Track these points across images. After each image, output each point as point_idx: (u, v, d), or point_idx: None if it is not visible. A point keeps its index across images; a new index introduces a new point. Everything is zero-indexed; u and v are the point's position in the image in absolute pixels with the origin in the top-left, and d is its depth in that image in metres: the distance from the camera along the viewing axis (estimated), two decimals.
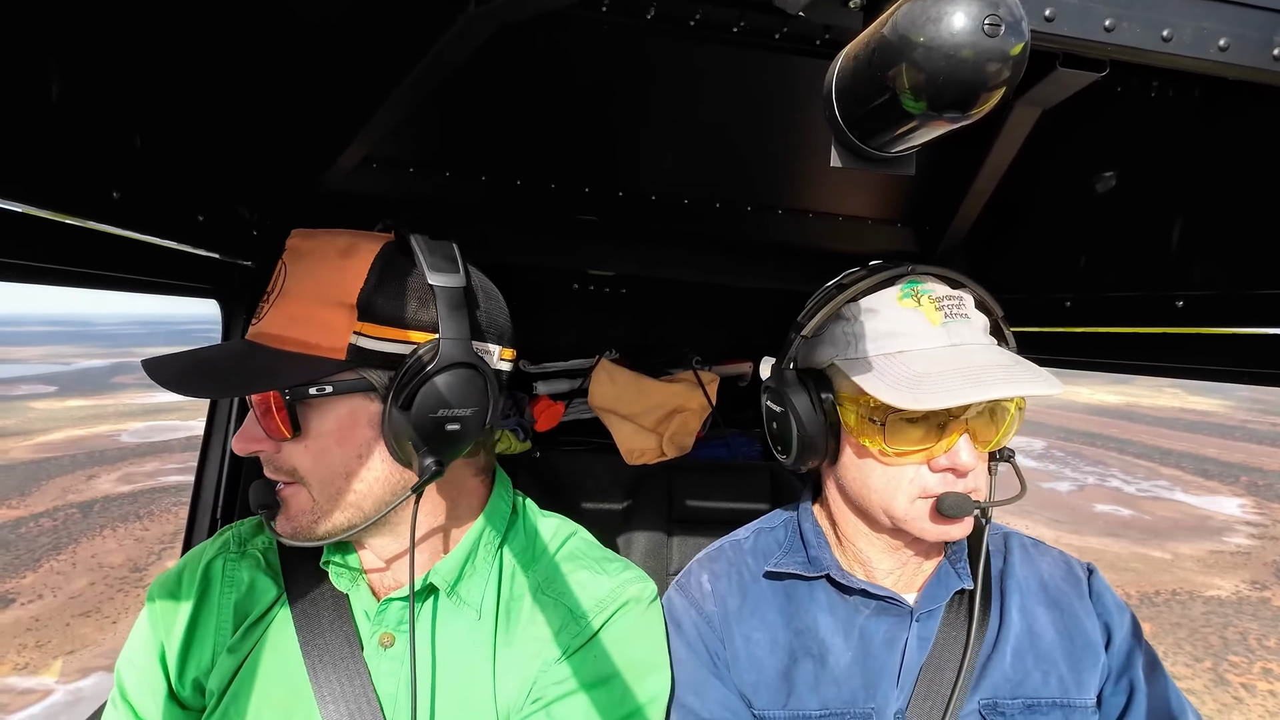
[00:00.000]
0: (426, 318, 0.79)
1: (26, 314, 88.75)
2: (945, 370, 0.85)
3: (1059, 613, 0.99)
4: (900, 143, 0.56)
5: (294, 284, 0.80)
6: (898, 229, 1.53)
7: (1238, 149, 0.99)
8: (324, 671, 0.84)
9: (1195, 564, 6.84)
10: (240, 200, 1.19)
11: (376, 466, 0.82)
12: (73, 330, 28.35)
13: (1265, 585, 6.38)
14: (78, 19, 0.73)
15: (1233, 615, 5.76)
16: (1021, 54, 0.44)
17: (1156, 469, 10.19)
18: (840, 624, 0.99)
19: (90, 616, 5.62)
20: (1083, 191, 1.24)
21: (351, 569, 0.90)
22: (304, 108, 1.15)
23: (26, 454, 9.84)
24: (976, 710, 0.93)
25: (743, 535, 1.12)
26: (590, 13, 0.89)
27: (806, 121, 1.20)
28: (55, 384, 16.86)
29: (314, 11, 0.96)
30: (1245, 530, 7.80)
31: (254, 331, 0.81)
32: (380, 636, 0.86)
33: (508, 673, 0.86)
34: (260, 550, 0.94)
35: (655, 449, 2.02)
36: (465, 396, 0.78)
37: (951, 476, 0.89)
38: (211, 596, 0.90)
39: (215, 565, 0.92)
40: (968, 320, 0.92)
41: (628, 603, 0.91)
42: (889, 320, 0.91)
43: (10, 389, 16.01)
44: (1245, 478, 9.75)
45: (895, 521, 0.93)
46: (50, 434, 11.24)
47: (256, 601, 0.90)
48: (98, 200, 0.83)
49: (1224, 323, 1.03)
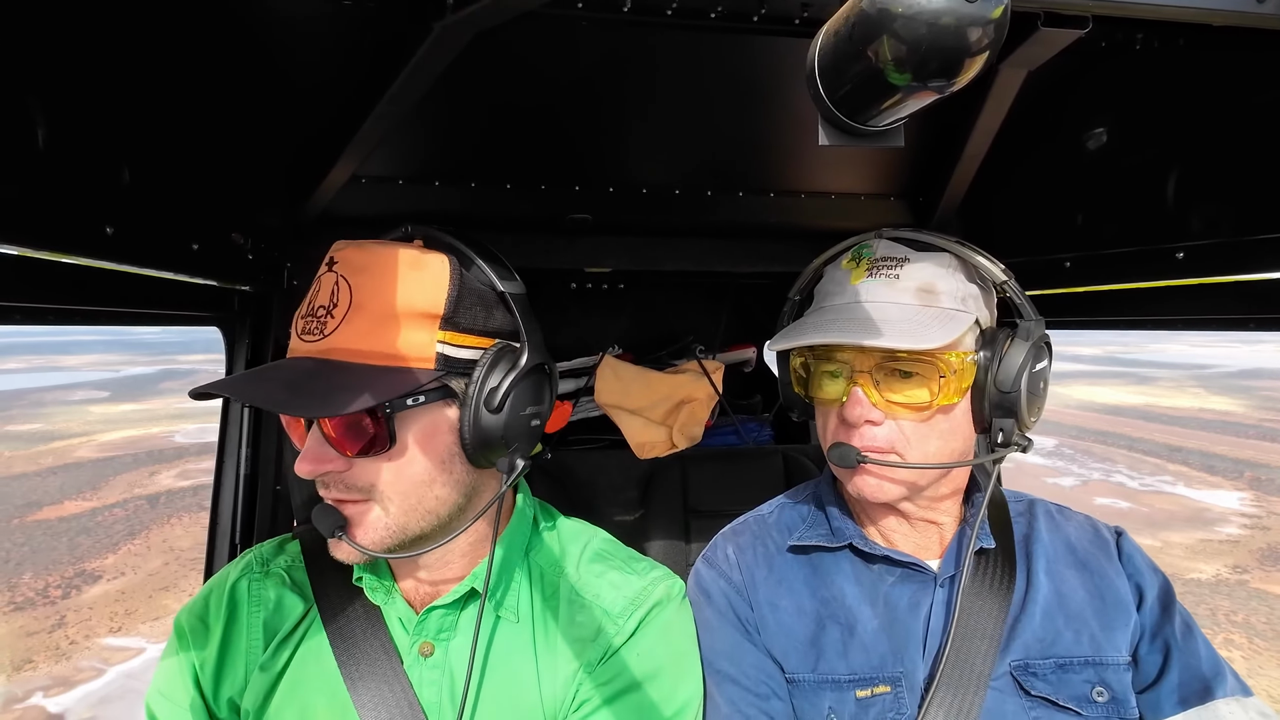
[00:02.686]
0: (496, 323, 0.86)
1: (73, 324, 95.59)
2: (826, 320, 0.94)
3: (1088, 574, 0.99)
4: (887, 115, 0.56)
5: (367, 298, 0.78)
6: (891, 202, 1.52)
7: (1226, 95, 0.99)
8: (363, 682, 0.84)
9: (1183, 550, 7.06)
10: (233, 226, 1.19)
11: (455, 470, 0.84)
12: (116, 339, 29.82)
13: (1246, 569, 6.59)
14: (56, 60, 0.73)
15: (1208, 594, 6.03)
16: (1002, 16, 0.44)
17: (1163, 465, 10.24)
18: (865, 592, 0.99)
19: (169, 590, 6.28)
20: (1075, 151, 1.23)
21: (385, 582, 0.90)
22: (288, 129, 1.15)
23: (91, 453, 10.61)
24: (1008, 672, 0.93)
25: (767, 510, 1.13)
26: (567, 11, 0.89)
27: (792, 102, 1.20)
28: (108, 389, 17.79)
29: (292, 34, 0.96)
30: (1238, 521, 7.94)
31: (320, 348, 0.78)
32: (420, 646, 0.87)
33: (550, 675, 0.87)
34: (284, 569, 0.95)
35: (665, 441, 2.03)
36: (541, 395, 0.87)
37: (853, 426, 0.93)
38: (240, 617, 0.90)
39: (240, 586, 0.92)
40: (894, 280, 0.94)
41: (661, 601, 0.92)
42: (828, 280, 1.02)
43: (68, 394, 17.03)
44: (1250, 473, 9.80)
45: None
46: (110, 434, 11.97)
47: (285, 618, 0.90)
48: (92, 237, 0.84)
49: (1226, 271, 1.03)
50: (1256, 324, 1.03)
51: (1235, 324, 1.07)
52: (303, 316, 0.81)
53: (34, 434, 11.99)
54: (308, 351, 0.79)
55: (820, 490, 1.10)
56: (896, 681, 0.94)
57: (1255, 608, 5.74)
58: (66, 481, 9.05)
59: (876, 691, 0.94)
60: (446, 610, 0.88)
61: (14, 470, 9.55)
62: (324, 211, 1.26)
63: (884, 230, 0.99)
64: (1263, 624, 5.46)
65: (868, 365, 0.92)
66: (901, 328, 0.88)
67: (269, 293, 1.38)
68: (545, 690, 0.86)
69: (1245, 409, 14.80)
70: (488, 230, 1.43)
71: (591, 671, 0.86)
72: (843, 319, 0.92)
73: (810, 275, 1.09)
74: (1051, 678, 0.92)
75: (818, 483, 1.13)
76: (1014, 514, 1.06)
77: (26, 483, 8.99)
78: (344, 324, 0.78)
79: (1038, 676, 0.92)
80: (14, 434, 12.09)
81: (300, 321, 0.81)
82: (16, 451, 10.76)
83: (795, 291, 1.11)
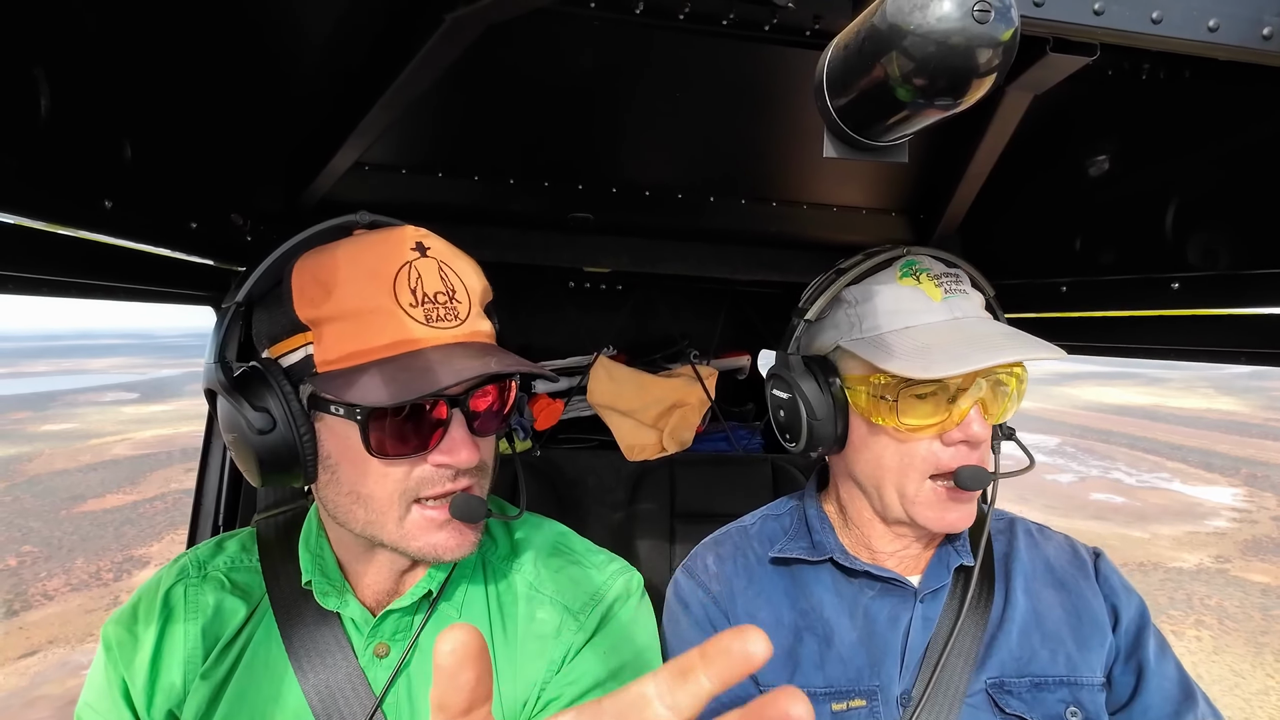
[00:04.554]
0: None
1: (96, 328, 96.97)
2: (950, 341, 0.87)
3: (1065, 594, 1.00)
4: (893, 131, 0.56)
5: (470, 285, 0.81)
6: (892, 217, 1.53)
7: (1229, 128, 0.99)
8: (317, 682, 0.82)
9: (1170, 542, 7.24)
10: (233, 207, 1.19)
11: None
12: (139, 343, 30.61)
13: (1228, 559, 6.79)
14: (64, 31, 0.73)
15: (1188, 581, 6.19)
16: (1012, 39, 0.44)
17: (1162, 463, 10.37)
18: (845, 604, 0.99)
19: None
20: (1077, 176, 1.24)
21: (335, 583, 0.87)
22: (293, 113, 1.15)
23: (127, 450, 10.98)
24: (983, 689, 0.93)
25: (749, 521, 1.13)
26: (578, 9, 0.89)
27: (799, 112, 1.20)
28: (137, 391, 18.49)
29: (301, 16, 0.96)
30: (1228, 515, 8.10)
31: (463, 333, 0.77)
32: (375, 647, 0.85)
33: (510, 675, 0.86)
34: (223, 571, 0.90)
35: (655, 444, 2.03)
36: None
37: (965, 449, 0.90)
38: (175, 625, 0.85)
39: (175, 593, 0.87)
40: (967, 295, 0.94)
41: (621, 595, 0.92)
42: (891, 298, 0.93)
43: (99, 396, 17.73)
44: (1246, 470, 9.94)
45: (905, 503, 0.93)
46: (143, 433, 12.41)
47: (226, 624, 0.86)
48: (91, 210, 0.83)
49: (1219, 304, 1.03)
50: (1248, 357, 1.04)
51: (1227, 356, 1.07)
52: (420, 304, 0.76)
53: (70, 433, 12.45)
54: (452, 338, 0.77)
55: (804, 504, 1.10)
56: (873, 695, 0.94)
57: (1230, 593, 5.92)
58: (106, 477, 9.37)
59: (852, 705, 0.94)
60: (403, 613, 0.86)
61: (55, 467, 9.97)
62: (325, 197, 1.25)
63: (913, 249, 0.98)
64: (1235, 607, 5.64)
65: (981, 383, 0.89)
66: (1027, 340, 0.87)
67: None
68: (505, 691, 0.85)
69: (1252, 409, 14.98)
70: (488, 224, 1.43)
71: (556, 671, 0.85)
72: (966, 335, 0.88)
73: (831, 296, 0.98)
74: (1026, 696, 0.93)
75: (801, 495, 1.13)
76: (994, 531, 1.07)
77: (69, 478, 9.34)
78: (472, 309, 0.80)
79: (1013, 695, 0.93)
80: (52, 433, 12.56)
81: (421, 310, 0.76)
82: (56, 449, 11.17)
83: (814, 314, 0.99)
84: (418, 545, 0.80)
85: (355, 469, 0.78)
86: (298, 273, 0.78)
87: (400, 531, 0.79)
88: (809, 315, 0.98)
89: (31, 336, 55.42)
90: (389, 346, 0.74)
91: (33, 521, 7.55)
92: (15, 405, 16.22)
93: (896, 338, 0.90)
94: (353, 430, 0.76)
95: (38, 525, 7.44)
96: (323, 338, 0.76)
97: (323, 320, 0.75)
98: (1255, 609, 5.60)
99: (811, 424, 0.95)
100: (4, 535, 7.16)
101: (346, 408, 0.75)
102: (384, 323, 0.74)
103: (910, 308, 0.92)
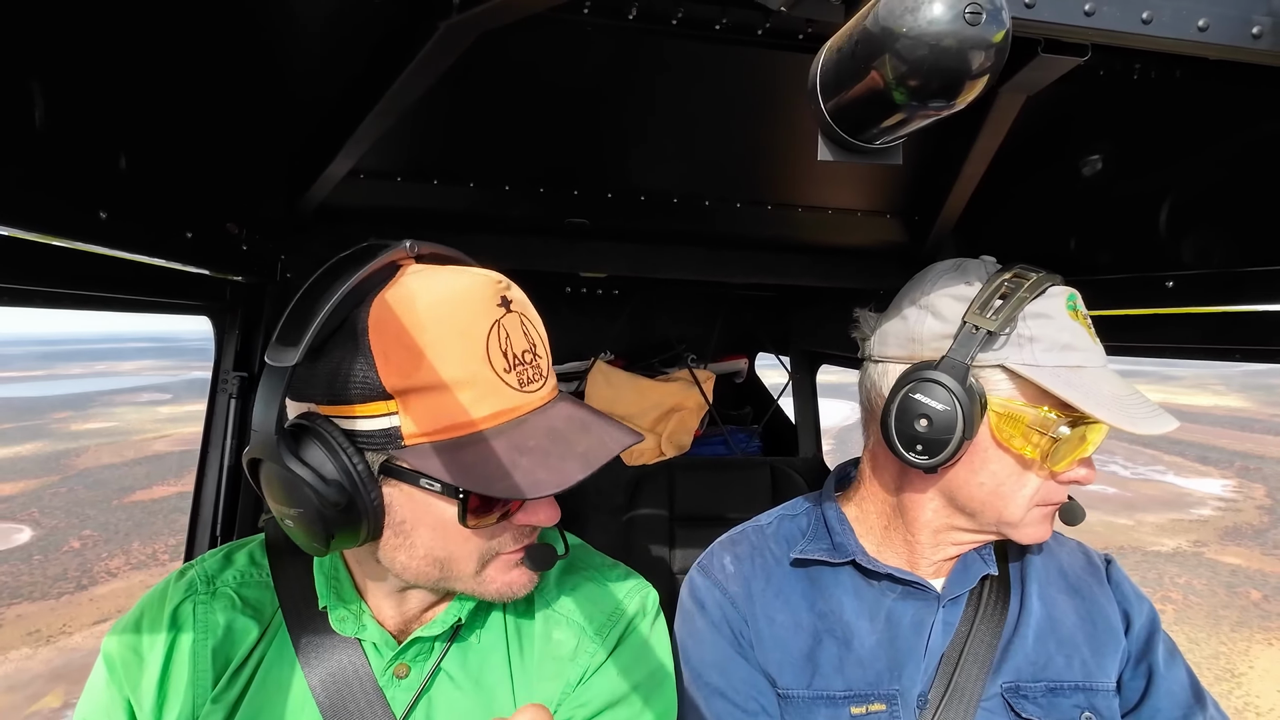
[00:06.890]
0: None
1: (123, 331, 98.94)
2: (1125, 393, 0.86)
3: (1080, 599, 1.00)
4: (886, 134, 0.56)
5: (543, 337, 0.80)
6: (887, 220, 1.53)
7: (1221, 127, 1.00)
8: (338, 704, 0.80)
9: (1152, 528, 7.42)
10: (228, 216, 1.19)
11: None
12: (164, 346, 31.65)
13: (1205, 544, 6.95)
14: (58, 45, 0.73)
15: (1163, 564, 6.41)
16: (1003, 41, 0.45)
17: (1159, 456, 10.50)
18: (866, 607, 0.99)
19: None
20: (1071, 176, 1.24)
21: (353, 609, 0.84)
22: (288, 122, 1.15)
23: (168, 446, 11.64)
24: (999, 693, 0.93)
25: (765, 520, 1.12)
26: (572, 15, 0.89)
27: (793, 116, 1.20)
28: (170, 391, 19.45)
29: (296, 24, 0.96)
30: (1214, 504, 8.25)
31: (546, 394, 0.77)
32: (395, 668, 0.83)
33: (527, 694, 0.85)
34: (232, 588, 0.86)
35: (654, 448, 2.03)
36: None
37: (1075, 485, 0.91)
38: (183, 645, 0.81)
39: (184, 610, 0.83)
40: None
41: (638, 613, 0.91)
42: (1067, 333, 0.87)
43: (134, 396, 18.72)
44: (1240, 463, 10.05)
45: (1007, 525, 0.92)
46: (181, 430, 13.07)
47: (237, 645, 0.83)
48: (86, 221, 0.83)
49: (1214, 301, 1.04)
50: (1243, 355, 1.04)
51: (1222, 354, 1.08)
52: (513, 368, 0.73)
53: (112, 430, 13.05)
54: (540, 400, 0.76)
55: (822, 505, 1.08)
56: (892, 700, 0.93)
57: (1200, 573, 6.17)
58: (151, 470, 9.87)
59: (872, 709, 0.93)
60: (430, 641, 0.84)
61: (102, 461, 10.53)
62: (321, 205, 1.25)
63: (1055, 275, 0.91)
64: (1202, 585, 5.88)
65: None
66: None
67: (262, 284, 1.38)
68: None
69: (1259, 405, 15.05)
70: (485, 231, 1.43)
71: (571, 692, 0.85)
72: (1128, 388, 0.87)
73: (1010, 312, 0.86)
74: (1042, 701, 0.93)
75: (818, 496, 1.12)
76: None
77: (116, 471, 9.89)
78: (549, 362, 0.79)
79: (1028, 699, 0.93)
80: (95, 430, 13.14)
81: (514, 375, 0.73)
82: (102, 445, 11.71)
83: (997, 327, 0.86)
84: (495, 589, 0.79)
85: (436, 535, 0.74)
86: (375, 332, 0.69)
87: (476, 581, 0.78)
88: (992, 328, 0.85)
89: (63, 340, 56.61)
90: (489, 418, 0.71)
91: (89, 510, 8.03)
92: (56, 406, 16.86)
93: (1077, 376, 0.85)
94: (441, 501, 0.72)
95: (94, 513, 7.87)
96: (410, 407, 0.69)
97: (411, 390, 0.69)
98: (1221, 586, 5.75)
99: (959, 440, 0.86)
100: (64, 522, 7.60)
101: (446, 486, 0.70)
102: (482, 394, 0.70)
103: (1082, 346, 0.87)
